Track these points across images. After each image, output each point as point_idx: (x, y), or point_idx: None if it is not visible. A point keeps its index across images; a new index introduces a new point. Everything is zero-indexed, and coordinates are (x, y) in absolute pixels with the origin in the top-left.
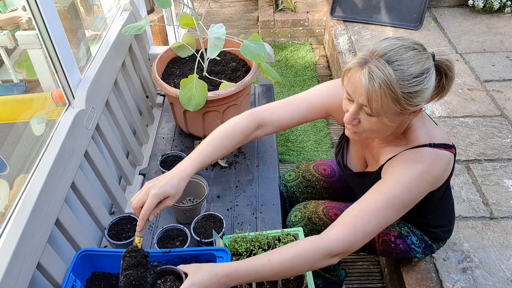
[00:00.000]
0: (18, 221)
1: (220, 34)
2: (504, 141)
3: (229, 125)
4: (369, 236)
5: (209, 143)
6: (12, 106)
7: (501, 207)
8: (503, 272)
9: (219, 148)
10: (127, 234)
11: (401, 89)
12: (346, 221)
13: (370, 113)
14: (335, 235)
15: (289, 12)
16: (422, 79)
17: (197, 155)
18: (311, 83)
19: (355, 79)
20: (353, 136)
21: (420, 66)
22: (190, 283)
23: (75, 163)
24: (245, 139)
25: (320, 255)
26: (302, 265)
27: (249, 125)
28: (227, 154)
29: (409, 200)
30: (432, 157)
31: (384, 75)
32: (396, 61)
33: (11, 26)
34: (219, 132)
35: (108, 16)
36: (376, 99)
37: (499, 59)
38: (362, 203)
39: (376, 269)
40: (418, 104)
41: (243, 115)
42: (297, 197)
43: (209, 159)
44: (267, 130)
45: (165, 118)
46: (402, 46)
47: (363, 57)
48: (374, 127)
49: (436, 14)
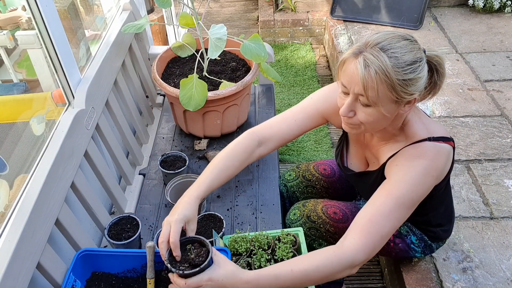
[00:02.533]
0: (18, 221)
1: (221, 34)
2: (504, 141)
3: (230, 147)
4: (386, 239)
5: (213, 168)
6: (12, 106)
7: (501, 207)
8: (503, 272)
9: (223, 171)
10: (127, 234)
11: (396, 75)
12: (361, 228)
13: (366, 102)
14: (355, 244)
15: (289, 12)
16: (415, 67)
17: (203, 181)
18: (311, 83)
19: (350, 69)
20: (350, 130)
21: (413, 55)
22: (209, 277)
23: (75, 163)
24: (248, 157)
25: (343, 266)
26: (325, 277)
27: (249, 143)
28: (234, 174)
29: (418, 197)
30: (433, 151)
31: (380, 62)
32: (390, 49)
33: (11, 26)
34: (222, 156)
35: (108, 16)
36: (372, 86)
37: (499, 59)
38: (373, 207)
39: (376, 269)
40: (413, 93)
41: (242, 135)
42: (297, 197)
43: (216, 183)
44: (270, 146)
45: (165, 118)
46: (395, 36)
47: (357, 48)
48: (370, 118)
49: (436, 14)
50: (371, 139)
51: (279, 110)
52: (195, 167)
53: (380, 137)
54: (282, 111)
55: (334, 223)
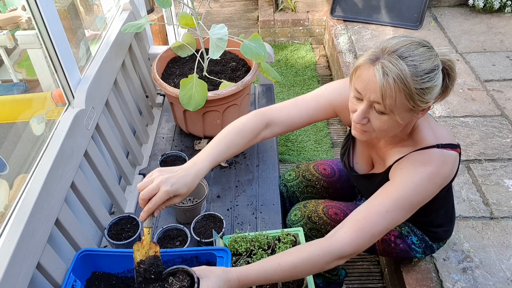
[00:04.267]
0: (17, 221)
1: (222, 34)
2: (504, 141)
3: (239, 123)
4: (377, 237)
5: (220, 140)
6: (12, 106)
7: (501, 207)
8: (503, 272)
9: (231, 146)
10: (127, 234)
11: (415, 84)
12: (354, 222)
13: (382, 110)
14: (344, 237)
15: (289, 12)
16: (433, 75)
17: (210, 152)
18: (311, 83)
19: (367, 76)
20: (361, 137)
21: (431, 63)
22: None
23: (75, 163)
24: (254, 137)
25: (330, 257)
26: (312, 269)
27: (258, 122)
28: (238, 153)
29: (418, 202)
30: (440, 158)
31: (399, 70)
32: (409, 57)
33: (11, 25)
34: (230, 130)
35: (108, 15)
36: (390, 95)
37: (499, 58)
38: (370, 205)
39: (376, 269)
40: (428, 101)
41: (251, 114)
42: (297, 197)
43: (222, 157)
44: (275, 130)
45: (165, 118)
46: (413, 42)
47: (374, 54)
48: (384, 125)
49: (436, 14)
50: (379, 141)
51: None
52: None
53: (389, 141)
54: None
55: (336, 224)
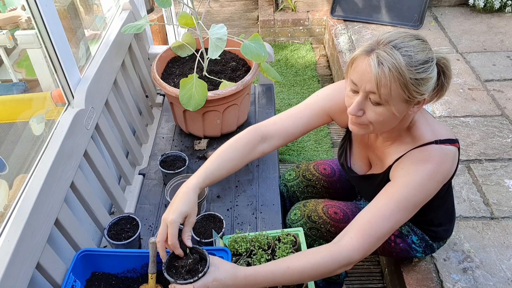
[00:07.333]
0: (17, 221)
1: (222, 34)
2: (504, 141)
3: (232, 140)
4: (383, 240)
5: (214, 159)
6: (12, 105)
7: (501, 207)
8: (504, 272)
9: (224, 163)
10: (127, 234)
11: (409, 74)
12: (360, 227)
13: (378, 101)
14: (351, 244)
15: (289, 12)
16: (427, 66)
17: (202, 171)
18: (311, 83)
19: (362, 67)
20: (358, 131)
21: (425, 54)
22: (213, 277)
23: (74, 163)
24: (250, 151)
25: (339, 264)
26: (320, 274)
27: (252, 136)
28: (235, 168)
29: (420, 201)
30: (439, 155)
31: (394, 59)
32: (403, 47)
33: (11, 25)
34: (223, 149)
35: (107, 15)
36: (385, 84)
37: (499, 58)
38: (374, 208)
39: (376, 269)
40: (423, 93)
41: (245, 130)
42: (298, 197)
43: (215, 174)
44: (274, 143)
45: (164, 117)
46: (407, 34)
47: (369, 46)
48: (380, 117)
49: (437, 14)
50: (375, 140)
51: (279, 110)
52: (195, 167)
53: (386, 138)
54: (282, 111)
55: (335, 223)
